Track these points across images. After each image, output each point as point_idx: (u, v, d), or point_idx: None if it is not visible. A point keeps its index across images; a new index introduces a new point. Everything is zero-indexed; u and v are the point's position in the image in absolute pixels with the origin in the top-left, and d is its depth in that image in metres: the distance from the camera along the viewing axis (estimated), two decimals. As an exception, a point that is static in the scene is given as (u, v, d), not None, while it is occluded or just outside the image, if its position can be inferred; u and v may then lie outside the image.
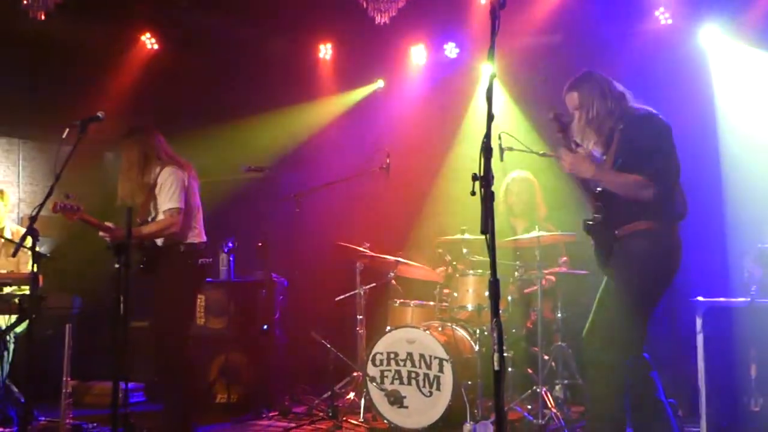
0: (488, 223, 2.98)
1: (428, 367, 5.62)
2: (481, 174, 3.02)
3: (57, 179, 4.60)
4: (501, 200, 6.57)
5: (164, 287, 5.31)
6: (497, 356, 2.94)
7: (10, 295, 5.58)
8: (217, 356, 6.85)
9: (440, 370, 5.58)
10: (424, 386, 5.62)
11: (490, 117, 3.06)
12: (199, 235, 5.43)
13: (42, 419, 5.81)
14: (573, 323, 6.03)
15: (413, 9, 7.31)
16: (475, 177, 3.03)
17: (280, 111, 8.39)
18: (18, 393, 5.98)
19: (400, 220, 7.83)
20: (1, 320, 6.00)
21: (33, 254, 4.64)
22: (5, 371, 5.96)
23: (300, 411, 6.41)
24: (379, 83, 8.65)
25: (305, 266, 7.01)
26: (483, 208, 2.99)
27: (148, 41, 8.23)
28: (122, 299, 4.34)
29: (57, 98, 7.46)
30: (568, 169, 4.30)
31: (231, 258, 6.94)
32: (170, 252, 5.31)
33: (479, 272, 6.09)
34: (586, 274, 6.06)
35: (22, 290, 5.54)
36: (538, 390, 5.69)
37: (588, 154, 4.26)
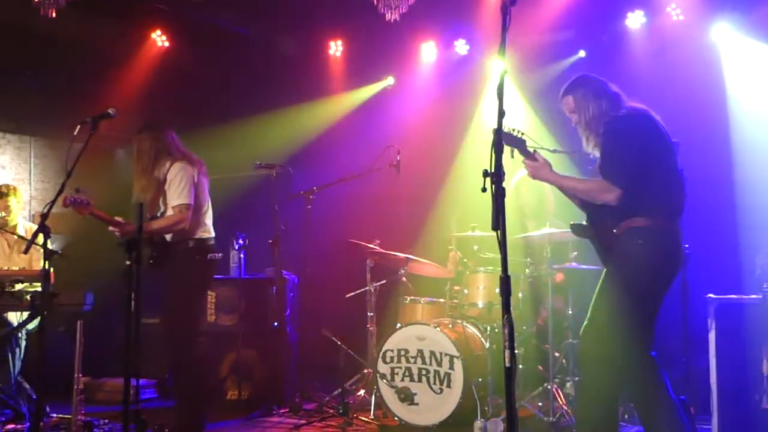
0: (499, 220, 2.96)
1: (439, 364, 5.62)
2: (492, 170, 3.01)
3: (68, 176, 4.60)
4: (511, 196, 6.55)
5: (173, 283, 5.33)
6: (508, 353, 2.92)
7: (22, 292, 5.59)
8: (228, 353, 6.87)
9: (451, 367, 5.57)
10: (435, 383, 5.61)
11: (501, 113, 3.05)
12: (208, 231, 5.45)
13: (54, 416, 5.81)
14: (584, 320, 5.99)
15: (423, 6, 7.28)
16: (486, 173, 3.02)
17: (291, 108, 8.41)
18: (30, 389, 5.99)
19: (411, 217, 7.83)
20: (13, 317, 6.02)
21: (45, 251, 4.65)
22: (17, 368, 5.98)
23: (310, 408, 6.41)
24: (389, 80, 8.65)
25: (316, 263, 7.00)
26: (494, 205, 2.98)
27: (159, 39, 8.23)
28: (134, 296, 4.34)
29: (68, 96, 7.47)
30: (531, 176, 4.33)
31: (242, 255, 6.94)
32: (179, 248, 5.32)
33: (489, 269, 6.10)
34: (597, 271, 6.03)
35: (34, 287, 5.55)
36: (549, 387, 5.68)
37: (545, 162, 4.25)
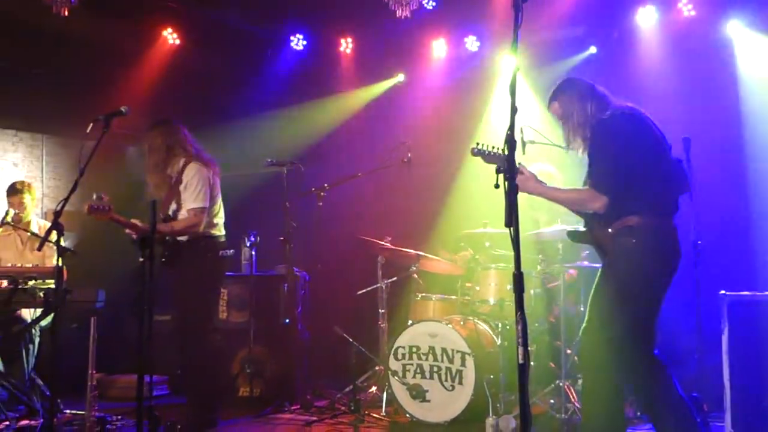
0: (512, 216, 2.96)
1: (450, 361, 5.61)
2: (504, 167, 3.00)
3: (81, 174, 4.61)
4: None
5: (186, 280, 5.36)
6: (521, 350, 2.91)
7: (36, 289, 5.62)
8: (240, 350, 6.87)
9: (462, 364, 5.57)
10: (446, 380, 5.61)
11: (514, 110, 3.03)
12: (220, 229, 5.49)
13: (67, 412, 5.84)
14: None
15: (434, 2, 7.29)
16: (499, 169, 3.02)
17: (302, 105, 8.42)
18: (43, 386, 6.02)
19: (422, 214, 7.82)
20: (27, 314, 6.06)
21: (58, 248, 4.67)
22: (31, 364, 6.01)
23: (322, 405, 6.42)
24: (400, 77, 8.63)
25: (327, 260, 7.01)
26: (507, 201, 2.97)
27: (170, 36, 8.24)
28: (147, 292, 4.36)
29: (80, 93, 7.49)
30: (520, 188, 4.29)
31: (253, 252, 6.94)
32: (191, 246, 5.36)
33: (501, 266, 6.08)
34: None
35: (47, 284, 5.57)
36: (561, 384, 5.66)
37: (531, 175, 4.18)
